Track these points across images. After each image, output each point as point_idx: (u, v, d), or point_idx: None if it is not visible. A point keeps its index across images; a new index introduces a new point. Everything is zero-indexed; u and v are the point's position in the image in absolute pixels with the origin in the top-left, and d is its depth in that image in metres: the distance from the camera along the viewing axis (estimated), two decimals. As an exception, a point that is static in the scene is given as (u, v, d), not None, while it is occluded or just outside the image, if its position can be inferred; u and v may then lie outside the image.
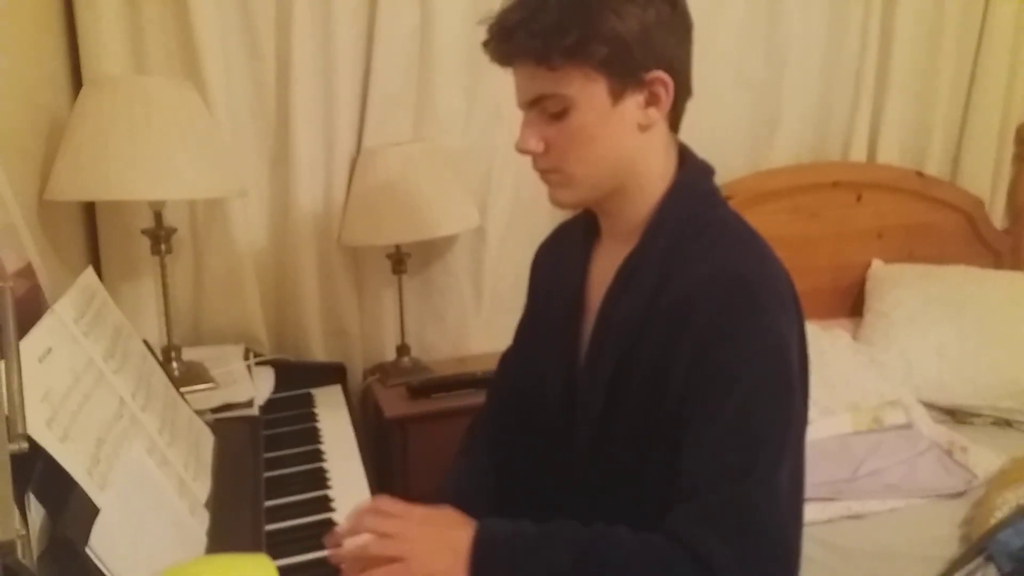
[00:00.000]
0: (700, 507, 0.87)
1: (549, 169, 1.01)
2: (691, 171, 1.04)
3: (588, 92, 0.95)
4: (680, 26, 0.99)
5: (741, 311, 0.91)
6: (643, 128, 0.99)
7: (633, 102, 0.97)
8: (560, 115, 0.97)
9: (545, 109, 0.98)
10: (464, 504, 0.97)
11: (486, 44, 0.99)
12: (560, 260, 1.18)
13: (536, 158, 1.01)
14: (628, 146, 0.99)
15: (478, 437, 1.28)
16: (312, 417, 1.56)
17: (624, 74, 0.95)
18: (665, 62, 0.96)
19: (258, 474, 1.24)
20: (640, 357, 0.97)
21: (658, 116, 0.99)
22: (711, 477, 0.88)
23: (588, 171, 0.99)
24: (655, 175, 1.02)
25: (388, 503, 0.92)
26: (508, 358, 1.36)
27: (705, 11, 2.15)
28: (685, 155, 1.06)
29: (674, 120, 1.04)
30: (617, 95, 0.96)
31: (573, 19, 0.92)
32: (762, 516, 0.87)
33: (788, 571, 0.90)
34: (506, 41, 0.97)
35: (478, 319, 2.11)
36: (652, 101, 0.97)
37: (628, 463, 1.00)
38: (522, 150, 1.00)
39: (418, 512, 0.91)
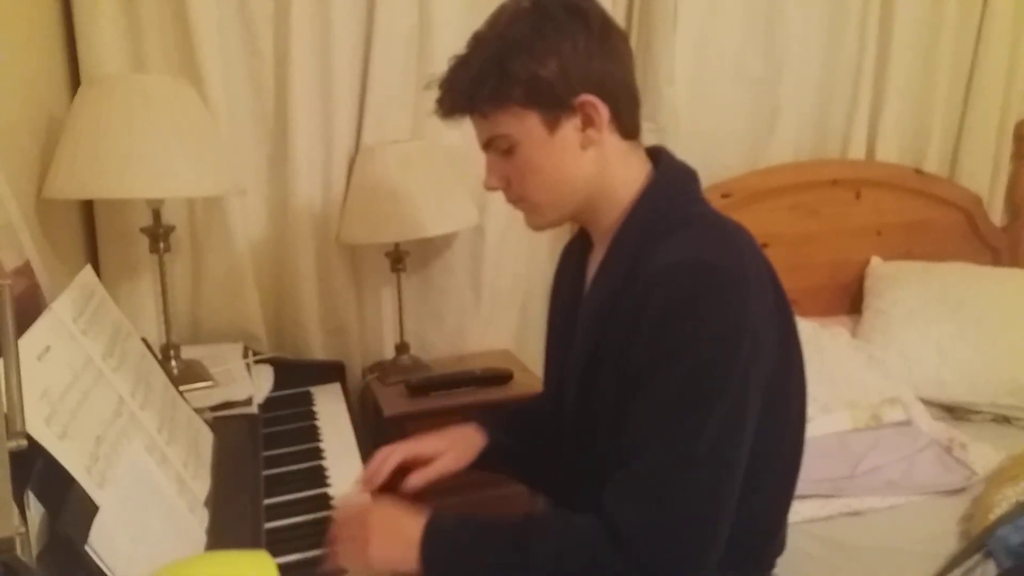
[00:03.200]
0: (621, 478, 0.94)
1: (515, 200, 1.09)
2: (664, 175, 1.08)
3: (524, 128, 1.02)
4: (602, 46, 1.02)
5: (698, 294, 0.93)
6: (585, 148, 1.04)
7: (570, 126, 1.03)
8: (509, 152, 1.04)
9: (497, 149, 1.05)
10: (493, 430, 1.22)
11: (436, 103, 1.07)
12: (565, 272, 1.24)
13: (504, 192, 1.09)
14: (577, 166, 1.04)
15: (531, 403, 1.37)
16: (311, 415, 1.56)
17: (552, 105, 1.01)
18: (591, 85, 1.01)
19: (257, 472, 1.24)
20: (608, 345, 1.02)
21: (598, 135, 1.03)
22: (637, 449, 0.94)
23: (547, 196, 1.06)
24: (619, 184, 1.06)
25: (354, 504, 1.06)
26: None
27: (704, 10, 2.15)
28: (661, 160, 1.10)
29: (626, 129, 1.07)
30: (552, 125, 1.02)
31: (489, 70, 1.00)
32: (675, 487, 0.92)
33: (701, 544, 0.93)
34: (441, 100, 1.06)
35: (477, 317, 2.11)
36: (588, 123, 1.03)
37: (608, 449, 1.03)
38: (488, 188, 1.10)
39: (379, 505, 1.04)
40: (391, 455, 1.17)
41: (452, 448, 1.20)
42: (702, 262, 0.95)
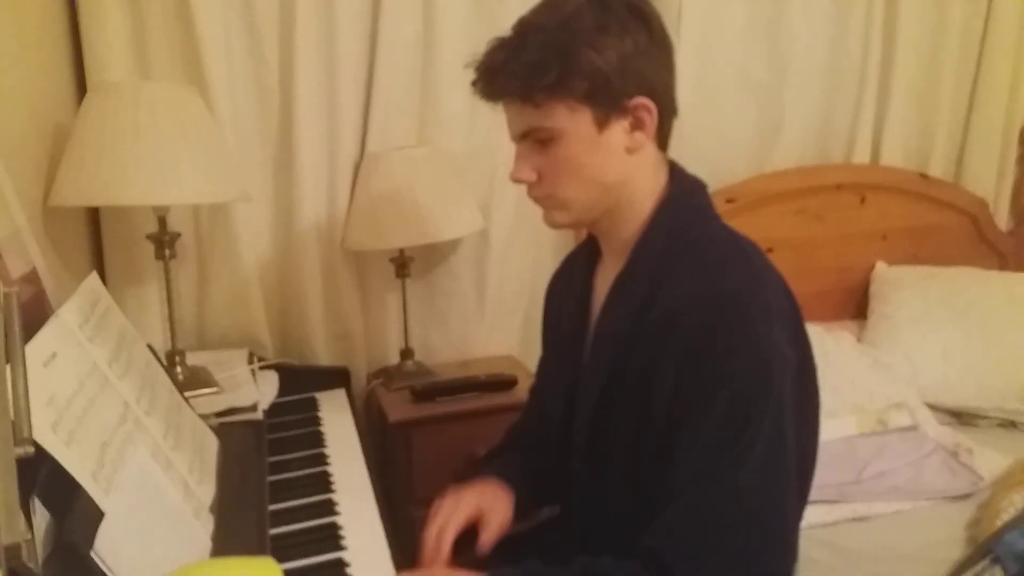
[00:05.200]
0: (666, 517, 0.92)
1: (542, 196, 1.05)
2: (680, 187, 1.06)
3: (574, 123, 0.99)
4: (659, 51, 1.01)
5: (725, 326, 0.93)
6: (631, 151, 1.02)
7: (619, 128, 1.00)
8: (548, 145, 1.01)
9: (535, 140, 1.02)
10: (515, 483, 1.17)
11: (474, 84, 1.03)
12: (568, 285, 1.21)
13: (530, 187, 1.05)
14: (617, 169, 1.02)
15: (520, 439, 1.34)
16: (316, 421, 1.56)
17: (607, 103, 0.98)
18: (646, 87, 0.99)
19: (262, 478, 1.24)
20: (629, 370, 1.00)
21: (645, 139, 1.02)
22: (680, 488, 0.92)
23: (579, 195, 1.03)
24: (644, 193, 1.05)
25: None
26: (534, 390, 1.39)
27: (708, 15, 2.15)
28: (675, 172, 1.08)
29: (661, 139, 1.06)
30: (602, 123, 0.99)
31: (552, 57, 0.96)
32: (723, 524, 0.90)
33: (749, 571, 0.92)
34: (491, 82, 1.01)
35: (481, 322, 2.11)
36: (637, 126, 1.01)
37: (621, 473, 1.03)
38: (516, 179, 1.05)
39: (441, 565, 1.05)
40: (446, 530, 1.11)
41: (499, 508, 1.15)
42: (726, 293, 0.94)
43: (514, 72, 0.98)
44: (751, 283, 0.96)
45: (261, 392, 1.54)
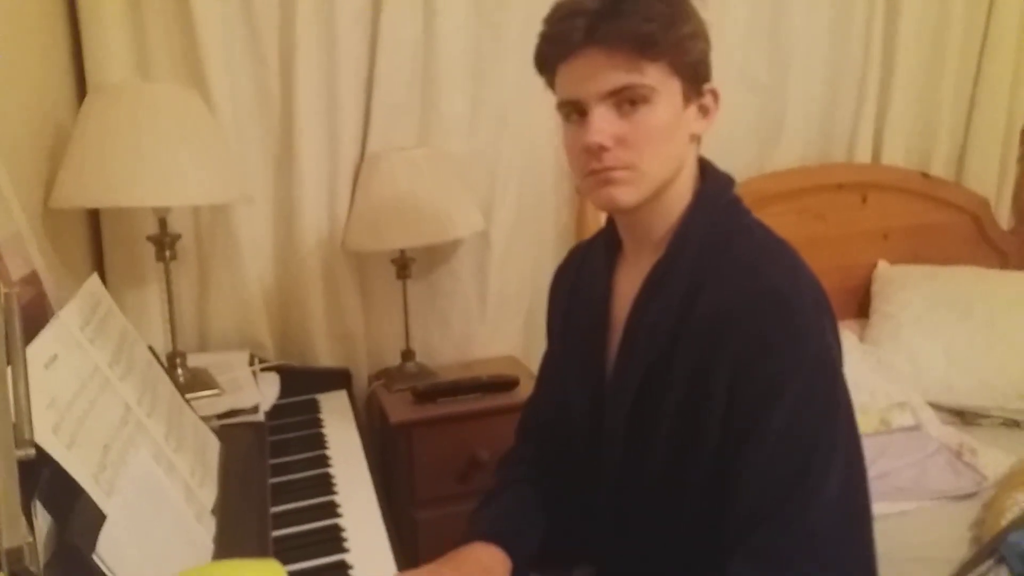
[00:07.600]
0: (754, 544, 0.88)
1: (619, 166, 0.95)
2: (714, 182, 1.05)
3: (670, 90, 0.96)
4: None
5: (780, 325, 0.91)
6: (693, 138, 1.02)
7: (693, 110, 1.00)
8: (635, 109, 0.94)
9: (621, 102, 0.94)
10: (512, 541, 1.04)
11: (563, 22, 0.95)
12: (580, 280, 1.17)
13: (604, 155, 0.95)
14: (682, 153, 1.01)
15: (513, 474, 1.21)
16: (317, 423, 1.56)
17: (695, 80, 0.99)
18: (710, 78, 1.01)
19: (264, 480, 1.24)
20: (672, 372, 0.96)
21: (705, 128, 1.01)
22: (764, 501, 0.88)
23: (658, 169, 0.97)
24: (684, 186, 1.03)
25: None
26: (535, 399, 1.31)
27: (709, 16, 2.14)
28: (706, 167, 1.07)
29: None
30: (686, 100, 0.99)
31: (683, 15, 0.97)
32: (816, 537, 0.87)
33: None
34: (613, 21, 0.91)
35: (483, 324, 2.10)
36: (704, 112, 1.01)
37: (659, 487, 1.00)
38: (596, 144, 0.94)
39: None
40: None
41: None
42: (775, 291, 0.92)
43: (649, 16, 0.92)
44: (797, 280, 0.95)
45: (262, 394, 1.54)
